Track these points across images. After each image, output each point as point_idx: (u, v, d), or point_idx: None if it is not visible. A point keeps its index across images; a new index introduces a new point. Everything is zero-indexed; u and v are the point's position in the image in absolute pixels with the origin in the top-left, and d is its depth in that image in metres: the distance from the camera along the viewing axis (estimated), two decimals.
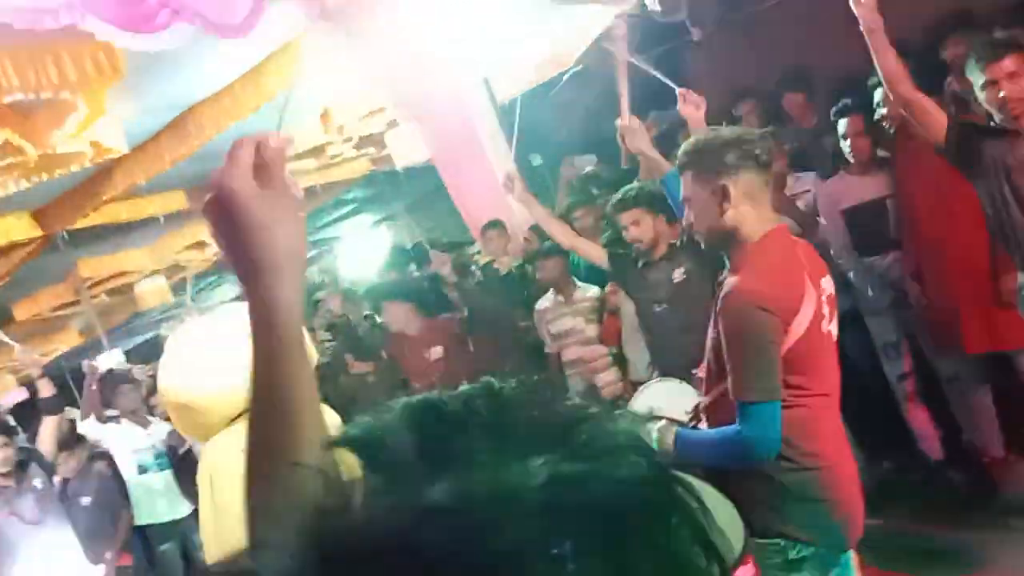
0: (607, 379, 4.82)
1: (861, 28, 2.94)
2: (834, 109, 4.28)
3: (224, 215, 0.91)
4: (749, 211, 2.10)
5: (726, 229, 2.11)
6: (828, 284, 2.22)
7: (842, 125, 4.21)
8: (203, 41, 4.86)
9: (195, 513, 5.84)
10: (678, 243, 3.89)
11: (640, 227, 3.87)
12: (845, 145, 4.21)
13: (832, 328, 2.18)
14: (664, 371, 3.89)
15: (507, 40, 6.36)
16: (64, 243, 7.15)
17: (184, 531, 5.87)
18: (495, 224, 5.73)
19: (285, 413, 0.90)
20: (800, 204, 4.42)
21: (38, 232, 6.90)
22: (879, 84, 3.74)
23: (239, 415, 2.28)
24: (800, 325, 2.02)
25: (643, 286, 3.98)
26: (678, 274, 3.85)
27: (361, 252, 14.55)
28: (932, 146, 3.59)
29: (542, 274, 4.88)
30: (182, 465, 5.82)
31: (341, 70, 6.31)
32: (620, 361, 4.78)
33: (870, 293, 4.28)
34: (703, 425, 2.33)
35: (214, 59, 5.62)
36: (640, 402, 3.45)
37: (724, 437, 2.10)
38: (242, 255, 0.92)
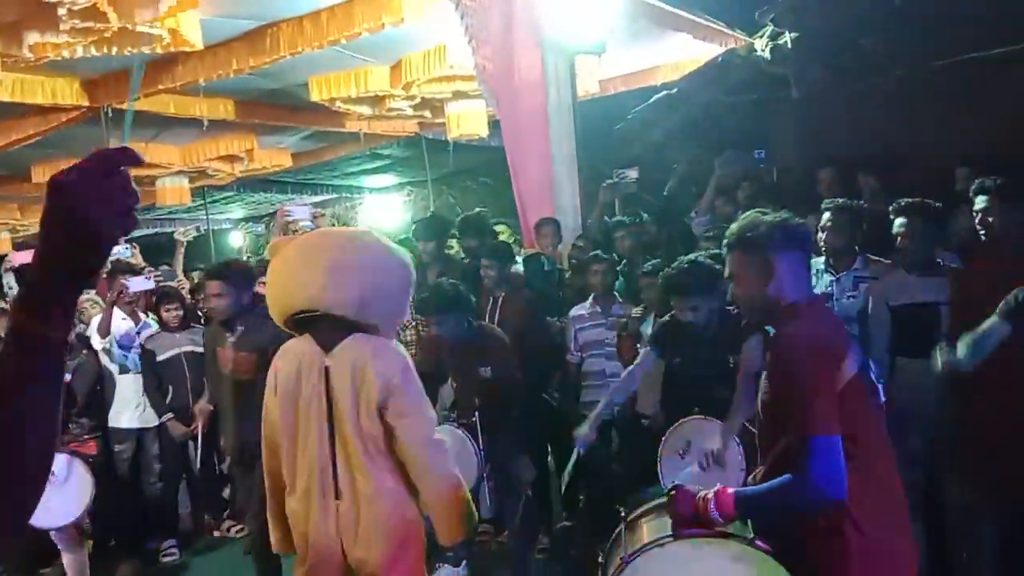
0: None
1: None
2: (895, 205, 4.10)
3: None
4: (791, 284, 2.24)
5: (768, 301, 2.25)
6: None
7: (900, 223, 4.03)
8: None
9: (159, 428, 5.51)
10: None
11: (697, 312, 3.88)
12: (902, 241, 4.03)
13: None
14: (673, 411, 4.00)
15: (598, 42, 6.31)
16: (106, 119, 7.03)
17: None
18: (550, 222, 5.85)
19: None
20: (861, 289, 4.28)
21: (85, 102, 6.78)
22: (983, 191, 3.66)
23: None
24: (848, 370, 2.13)
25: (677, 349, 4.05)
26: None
27: (379, 209, 14.55)
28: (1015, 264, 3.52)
29: (593, 279, 4.87)
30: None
31: (432, 22, 6.20)
32: None
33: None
34: None
35: None
36: (678, 435, 3.76)
37: (783, 484, 2.07)
38: None
